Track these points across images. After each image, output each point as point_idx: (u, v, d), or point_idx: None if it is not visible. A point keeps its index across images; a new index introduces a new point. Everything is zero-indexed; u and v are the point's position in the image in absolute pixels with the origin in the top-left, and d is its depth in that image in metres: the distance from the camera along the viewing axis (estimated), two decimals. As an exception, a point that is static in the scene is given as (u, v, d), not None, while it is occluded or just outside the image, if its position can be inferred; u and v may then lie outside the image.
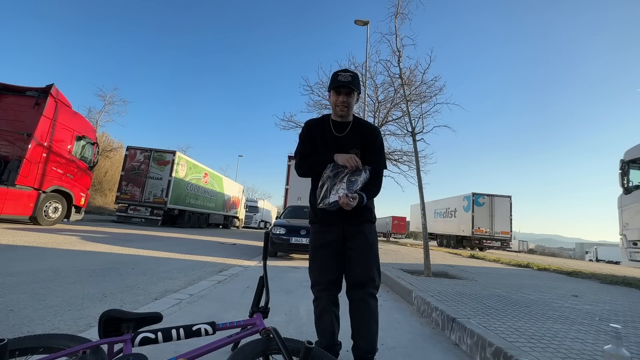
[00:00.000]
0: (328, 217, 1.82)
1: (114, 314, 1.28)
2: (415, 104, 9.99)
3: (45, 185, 8.65)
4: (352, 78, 1.78)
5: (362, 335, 1.76)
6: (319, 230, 1.88)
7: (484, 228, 19.75)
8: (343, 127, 1.88)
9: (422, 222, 5.61)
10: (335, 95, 1.82)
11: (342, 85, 1.77)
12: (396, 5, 6.09)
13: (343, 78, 1.77)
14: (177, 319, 2.46)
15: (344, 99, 1.80)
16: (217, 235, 13.85)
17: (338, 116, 1.87)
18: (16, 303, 2.52)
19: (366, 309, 1.76)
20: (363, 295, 1.78)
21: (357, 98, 1.90)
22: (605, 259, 33.14)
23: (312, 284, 1.88)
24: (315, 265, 1.86)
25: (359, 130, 1.88)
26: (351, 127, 1.88)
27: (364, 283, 1.78)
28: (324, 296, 1.82)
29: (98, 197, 22.63)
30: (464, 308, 2.99)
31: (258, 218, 34.21)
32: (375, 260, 1.82)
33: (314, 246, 1.88)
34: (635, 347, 2.20)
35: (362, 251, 1.79)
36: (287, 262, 6.60)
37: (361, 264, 1.79)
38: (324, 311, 1.81)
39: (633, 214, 7.80)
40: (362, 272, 1.78)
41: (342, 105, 1.81)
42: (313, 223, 1.93)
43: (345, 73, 1.79)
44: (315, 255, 1.86)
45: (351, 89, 1.79)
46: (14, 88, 8.68)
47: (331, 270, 1.81)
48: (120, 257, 5.33)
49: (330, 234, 1.83)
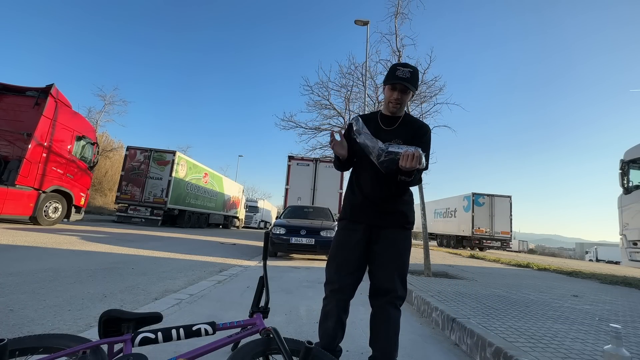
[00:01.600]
0: (357, 213, 1.76)
1: (114, 314, 1.28)
2: (415, 104, 9.99)
3: (45, 185, 8.65)
4: (411, 75, 1.64)
5: (378, 345, 1.67)
6: (345, 227, 1.79)
7: (484, 228, 19.75)
8: (392, 121, 1.78)
9: (422, 222, 5.61)
10: (390, 91, 1.71)
11: (399, 82, 1.64)
12: (396, 5, 6.10)
13: (401, 74, 1.63)
14: (177, 319, 2.45)
15: (398, 96, 1.69)
16: (217, 235, 13.85)
17: (389, 112, 1.78)
18: (16, 303, 2.52)
19: (386, 318, 1.66)
20: (383, 303, 1.68)
21: (413, 94, 1.78)
22: (605, 259, 33.15)
23: (326, 280, 1.79)
24: (333, 263, 1.76)
25: (409, 124, 1.78)
26: (401, 121, 1.78)
27: (385, 291, 1.67)
28: (333, 298, 1.73)
29: (98, 197, 22.62)
30: (464, 308, 2.99)
31: (258, 218, 34.21)
32: (400, 269, 1.69)
33: (336, 243, 1.79)
34: (635, 347, 2.20)
35: (386, 256, 1.68)
36: (287, 262, 6.60)
37: (384, 269, 1.68)
38: (330, 314, 1.72)
39: (633, 214, 7.80)
40: (384, 279, 1.68)
41: (395, 102, 1.71)
42: (341, 220, 1.85)
43: (404, 68, 1.65)
44: (336, 253, 1.77)
45: (407, 87, 1.66)
46: (14, 88, 8.68)
47: (349, 271, 1.71)
48: (120, 257, 5.33)
49: (356, 232, 1.73)
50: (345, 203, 1.87)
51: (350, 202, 1.82)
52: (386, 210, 1.72)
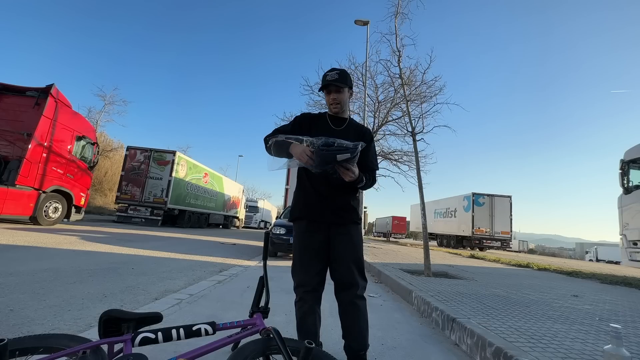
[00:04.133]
0: (315, 213, 1.80)
1: (114, 314, 1.27)
2: (415, 104, 9.99)
3: (45, 185, 8.65)
4: (338, 75, 1.81)
5: (353, 336, 1.79)
6: (306, 229, 1.83)
7: (484, 228, 19.75)
8: (339, 122, 1.91)
9: (422, 222, 5.61)
10: (327, 95, 1.88)
11: (329, 84, 1.82)
12: (396, 5, 6.09)
13: (330, 77, 1.81)
14: (177, 319, 2.46)
15: (334, 96, 1.85)
16: (217, 235, 13.85)
17: (333, 113, 1.92)
18: (16, 303, 2.52)
19: (355, 311, 1.79)
20: (351, 297, 1.79)
21: (351, 94, 1.93)
22: (605, 259, 33.14)
23: (296, 284, 1.84)
24: (301, 266, 1.82)
25: (356, 128, 1.93)
26: (348, 123, 1.92)
27: (349, 285, 1.79)
28: (309, 297, 1.79)
29: (98, 197, 22.63)
30: (464, 308, 2.99)
31: (258, 218, 34.22)
32: (358, 262, 1.82)
33: (300, 247, 1.84)
34: (635, 347, 2.20)
35: (345, 253, 1.79)
36: (287, 262, 6.60)
37: (344, 265, 1.79)
38: (309, 312, 1.78)
39: (633, 214, 7.80)
40: (346, 274, 1.79)
41: (334, 102, 1.85)
42: (297, 219, 1.87)
43: (332, 72, 1.83)
44: (302, 256, 1.82)
45: (338, 86, 1.82)
46: (14, 88, 8.68)
47: (317, 271, 1.80)
48: (120, 257, 5.33)
49: (317, 234, 1.80)
50: (297, 201, 1.90)
51: (304, 200, 1.86)
52: (340, 207, 1.81)
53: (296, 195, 1.92)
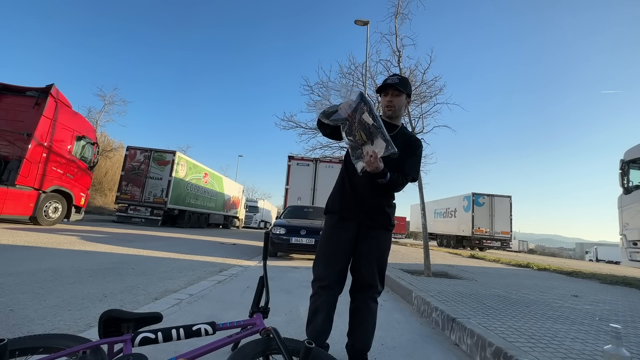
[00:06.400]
0: (348, 210, 1.81)
1: (114, 314, 1.27)
2: (415, 104, 9.99)
3: (45, 185, 8.65)
4: (399, 80, 1.84)
5: (358, 336, 1.79)
6: (336, 224, 1.83)
7: (484, 228, 19.74)
8: (391, 128, 1.85)
9: (422, 222, 5.61)
10: (383, 97, 1.89)
11: (388, 86, 1.83)
12: (396, 5, 6.09)
13: (391, 80, 1.84)
14: (177, 319, 2.46)
15: (390, 99, 1.85)
16: (217, 235, 13.85)
17: (386, 116, 1.91)
18: (16, 303, 2.52)
19: (367, 311, 1.80)
20: (366, 298, 1.81)
21: (408, 102, 1.95)
22: (605, 259, 33.13)
23: (314, 278, 1.82)
24: (323, 260, 1.81)
25: (404, 136, 1.89)
26: (399, 131, 1.89)
27: (368, 286, 1.80)
28: (324, 294, 1.78)
29: (98, 197, 22.62)
30: (464, 308, 2.99)
31: (258, 218, 34.20)
32: (381, 267, 1.82)
33: (326, 240, 1.83)
34: (635, 347, 2.20)
35: (370, 255, 1.78)
36: (287, 262, 6.60)
37: (367, 266, 1.78)
38: (320, 309, 1.76)
39: (633, 214, 7.80)
40: (367, 275, 1.79)
41: (389, 104, 1.86)
42: (330, 213, 1.88)
43: (393, 76, 1.86)
44: (326, 249, 1.81)
45: (398, 90, 1.83)
46: (14, 88, 8.68)
47: (338, 268, 1.78)
48: (120, 257, 5.33)
49: (345, 231, 1.79)
50: (334, 196, 1.90)
51: (340, 196, 1.86)
52: (374, 211, 1.80)
53: (334, 190, 1.94)
